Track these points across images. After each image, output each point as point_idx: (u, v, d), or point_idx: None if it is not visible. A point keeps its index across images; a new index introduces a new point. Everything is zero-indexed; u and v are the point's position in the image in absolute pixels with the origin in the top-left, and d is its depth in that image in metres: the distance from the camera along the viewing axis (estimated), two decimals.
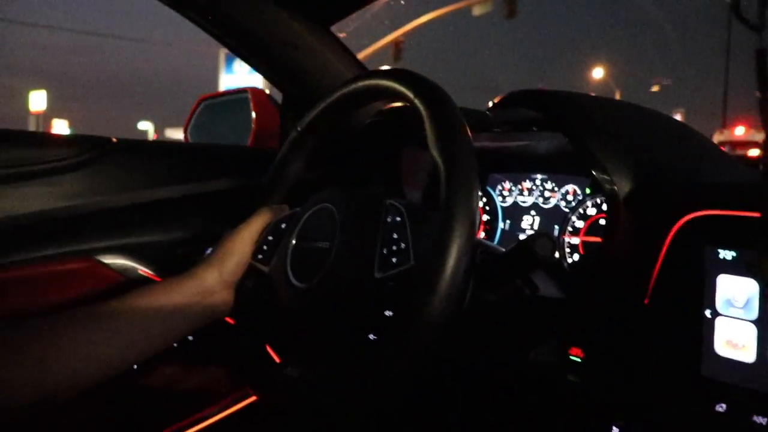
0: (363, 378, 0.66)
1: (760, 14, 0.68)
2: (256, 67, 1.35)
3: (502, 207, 1.19)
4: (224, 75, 18.48)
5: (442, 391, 0.94)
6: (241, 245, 0.87)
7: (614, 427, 0.72)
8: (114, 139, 1.23)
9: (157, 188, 1.25)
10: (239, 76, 17.10)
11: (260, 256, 0.86)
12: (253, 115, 1.57)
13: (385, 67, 0.82)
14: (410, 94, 0.74)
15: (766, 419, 0.64)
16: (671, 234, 0.75)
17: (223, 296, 0.85)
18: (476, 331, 0.83)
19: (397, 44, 17.66)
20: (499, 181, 1.20)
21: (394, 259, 0.70)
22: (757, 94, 0.68)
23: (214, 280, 0.84)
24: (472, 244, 0.64)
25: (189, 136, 1.83)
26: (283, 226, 0.86)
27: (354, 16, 1.31)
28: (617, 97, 19.68)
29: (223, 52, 18.09)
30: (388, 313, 0.70)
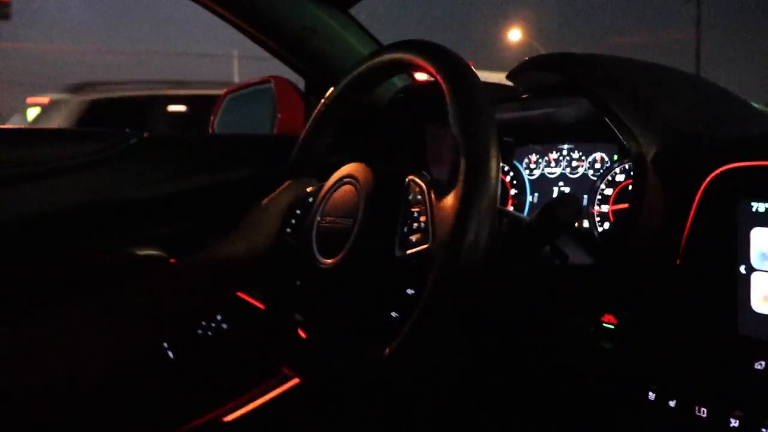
0: (386, 355, 0.65)
1: None
2: (276, 53, 1.35)
3: (529, 180, 1.17)
4: None
5: (474, 363, 0.93)
6: (269, 218, 0.86)
7: (650, 393, 0.71)
8: (145, 134, 1.24)
9: (184, 180, 1.26)
10: None
11: (288, 230, 0.86)
12: (277, 103, 1.58)
13: (407, 40, 0.81)
14: (433, 68, 0.73)
15: None
16: (701, 190, 0.73)
17: (252, 268, 0.85)
18: (506, 301, 0.82)
19: None
20: (526, 154, 1.19)
21: (413, 238, 0.69)
22: None
23: (243, 252, 0.83)
24: (492, 216, 0.63)
25: (216, 129, 1.84)
26: (310, 200, 0.86)
27: None
28: None
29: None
30: (409, 291, 0.69)
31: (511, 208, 1.18)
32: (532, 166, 1.18)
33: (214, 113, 1.88)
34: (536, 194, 1.16)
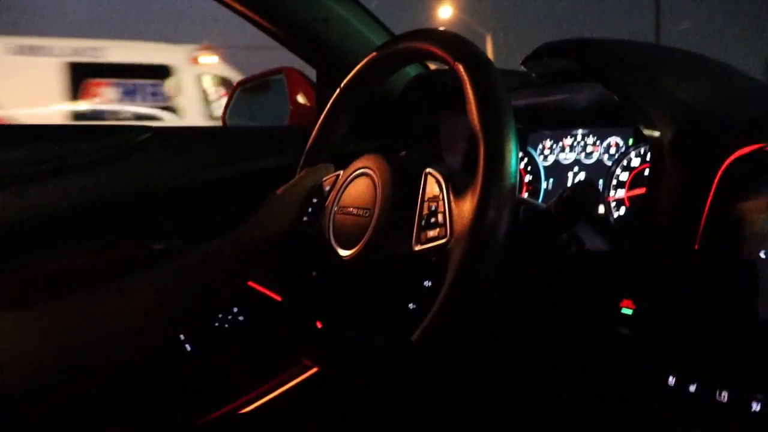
0: (407, 344, 0.65)
1: None
2: (287, 44, 1.34)
3: (543, 166, 1.17)
4: None
5: (491, 352, 0.93)
6: (286, 206, 0.86)
7: (670, 377, 0.71)
8: (155, 126, 1.25)
9: (201, 172, 1.27)
10: None
11: (305, 218, 0.86)
12: (290, 94, 1.58)
13: (424, 28, 0.81)
14: (450, 57, 0.73)
15: None
16: (719, 173, 0.72)
17: (267, 256, 0.85)
18: (524, 289, 0.82)
19: None
20: (540, 140, 1.18)
21: (431, 232, 0.69)
22: None
23: (260, 239, 0.83)
24: (511, 207, 0.63)
25: (228, 121, 1.85)
26: (327, 188, 0.86)
27: None
28: (488, 41, 18.67)
29: None
30: (427, 283, 0.69)
31: (525, 195, 1.18)
32: (546, 152, 1.17)
33: (225, 105, 1.89)
34: (551, 180, 1.16)
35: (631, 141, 1.03)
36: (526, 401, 0.92)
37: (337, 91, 0.93)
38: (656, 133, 0.81)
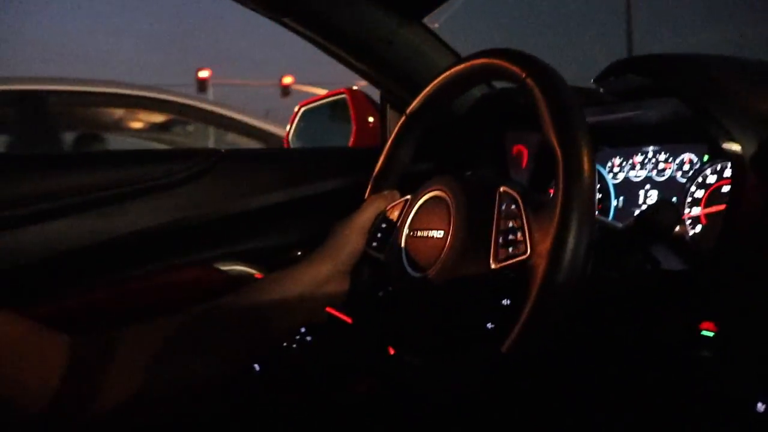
0: (483, 365, 0.65)
1: None
2: (352, 66, 1.36)
3: (613, 184, 1.15)
4: None
5: (567, 373, 0.91)
6: (354, 234, 0.87)
7: (759, 404, 0.68)
8: (222, 150, 1.27)
9: (265, 194, 1.29)
10: None
11: (374, 245, 0.87)
12: (353, 115, 1.59)
13: (492, 48, 0.81)
14: (522, 74, 0.73)
15: None
16: None
17: (338, 285, 0.86)
18: (599, 309, 0.80)
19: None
20: (609, 157, 1.16)
21: (510, 249, 0.69)
22: None
23: (329, 269, 0.84)
24: (591, 230, 0.63)
25: (291, 143, 1.88)
26: (396, 213, 0.87)
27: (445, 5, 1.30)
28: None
29: None
30: (505, 301, 0.69)
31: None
32: (616, 169, 1.15)
33: (289, 127, 1.92)
34: (621, 198, 1.13)
35: (706, 157, 1.00)
36: (603, 425, 0.89)
37: (404, 117, 0.94)
38: (737, 147, 0.78)
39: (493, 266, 0.70)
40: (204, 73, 17.77)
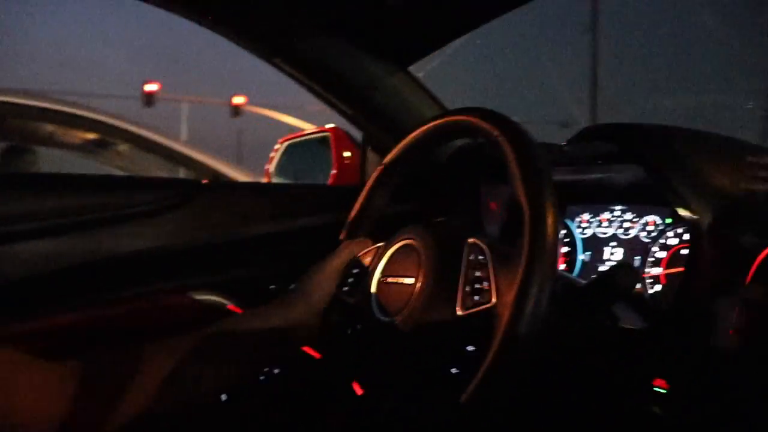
0: (446, 410, 0.67)
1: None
2: (337, 108, 1.40)
3: (581, 238, 1.19)
4: None
5: (522, 421, 0.94)
6: (326, 278, 0.90)
7: None
8: (204, 181, 1.30)
9: (244, 227, 1.31)
10: None
11: (345, 289, 0.89)
12: (334, 154, 1.63)
13: (469, 106, 0.85)
14: (496, 133, 0.77)
15: None
16: (758, 260, 0.74)
17: (310, 326, 0.89)
18: (557, 362, 0.84)
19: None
20: (578, 213, 1.21)
21: (476, 297, 0.72)
22: None
23: (301, 310, 0.88)
24: (552, 280, 0.66)
25: (272, 177, 1.90)
26: (368, 259, 0.90)
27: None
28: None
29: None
30: (470, 348, 0.72)
31: (562, 266, 1.20)
32: (584, 225, 1.19)
33: (270, 161, 1.95)
34: (588, 253, 1.17)
35: (669, 220, 1.04)
36: None
37: (381, 167, 0.97)
38: (695, 216, 0.83)
39: (459, 313, 0.73)
40: (151, 87, 16.32)
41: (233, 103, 18.22)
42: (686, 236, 0.99)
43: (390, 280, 0.83)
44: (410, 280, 0.79)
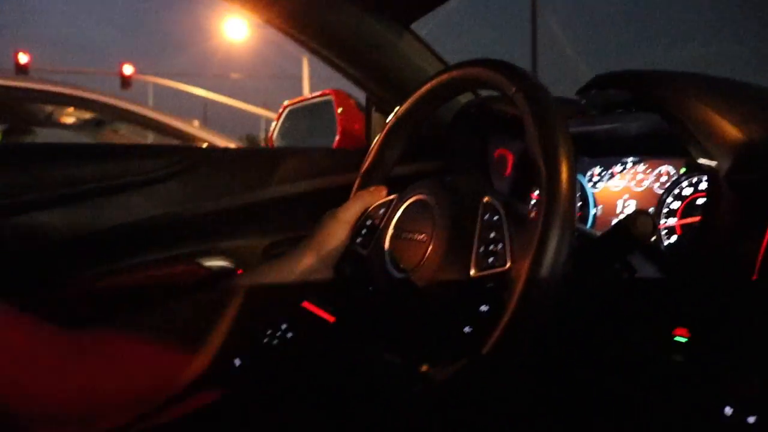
0: (461, 368, 0.67)
1: None
2: (339, 69, 1.38)
3: (593, 193, 1.17)
4: None
5: (542, 379, 0.93)
6: (340, 228, 0.89)
7: (727, 407, 0.70)
8: (207, 148, 1.28)
9: (248, 192, 1.30)
10: None
11: (359, 241, 0.88)
12: (338, 117, 1.61)
13: (482, 58, 0.83)
14: (512, 88, 0.74)
15: None
16: None
17: (322, 277, 0.87)
18: (575, 315, 0.83)
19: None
20: (589, 167, 1.19)
21: (490, 259, 0.71)
22: None
23: (314, 261, 0.86)
24: (571, 236, 0.65)
25: (275, 142, 1.88)
26: (381, 211, 0.88)
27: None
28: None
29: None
30: (483, 307, 0.71)
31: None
32: (596, 179, 1.18)
33: (273, 126, 1.93)
34: (600, 207, 1.16)
35: (683, 169, 1.03)
36: (577, 426, 0.91)
37: (393, 118, 0.96)
38: (712, 163, 0.81)
39: (472, 274, 0.72)
40: (24, 58, 14.60)
41: (122, 74, 17.32)
42: (702, 185, 0.98)
43: (403, 235, 0.82)
44: (423, 237, 0.78)
